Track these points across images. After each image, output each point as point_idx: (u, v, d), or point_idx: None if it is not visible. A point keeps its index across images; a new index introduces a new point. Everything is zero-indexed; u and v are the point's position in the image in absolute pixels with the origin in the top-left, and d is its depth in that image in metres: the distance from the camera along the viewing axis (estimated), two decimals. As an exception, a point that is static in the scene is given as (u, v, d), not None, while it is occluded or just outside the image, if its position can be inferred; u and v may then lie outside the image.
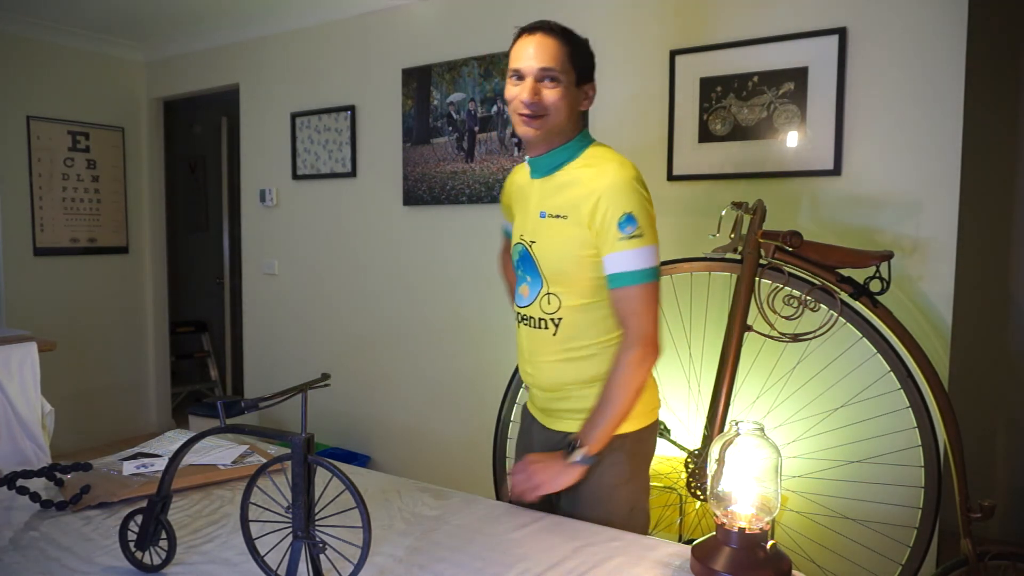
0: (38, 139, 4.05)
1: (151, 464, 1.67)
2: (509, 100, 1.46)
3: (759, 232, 1.97)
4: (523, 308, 1.54)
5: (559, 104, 1.42)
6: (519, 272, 1.55)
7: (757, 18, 2.43)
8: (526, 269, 1.52)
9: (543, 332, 1.49)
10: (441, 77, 3.19)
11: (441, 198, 3.23)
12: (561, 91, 1.42)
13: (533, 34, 1.44)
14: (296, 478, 1.08)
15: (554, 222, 1.45)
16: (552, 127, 1.44)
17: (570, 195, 1.43)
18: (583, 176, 1.43)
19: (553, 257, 1.45)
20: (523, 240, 1.52)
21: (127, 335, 4.54)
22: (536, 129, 1.43)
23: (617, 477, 1.48)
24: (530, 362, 1.55)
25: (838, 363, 2.27)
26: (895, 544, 2.16)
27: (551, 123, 1.43)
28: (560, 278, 1.45)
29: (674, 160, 2.60)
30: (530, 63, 1.41)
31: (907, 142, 2.22)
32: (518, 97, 1.43)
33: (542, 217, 1.48)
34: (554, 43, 1.42)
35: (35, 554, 1.26)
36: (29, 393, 2.19)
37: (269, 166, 3.93)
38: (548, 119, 1.42)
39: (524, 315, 1.54)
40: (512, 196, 1.65)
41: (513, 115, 1.46)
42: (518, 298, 1.56)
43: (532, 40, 1.43)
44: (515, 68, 1.44)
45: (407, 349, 3.42)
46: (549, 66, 1.41)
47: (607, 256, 1.39)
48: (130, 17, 3.89)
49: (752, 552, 1.12)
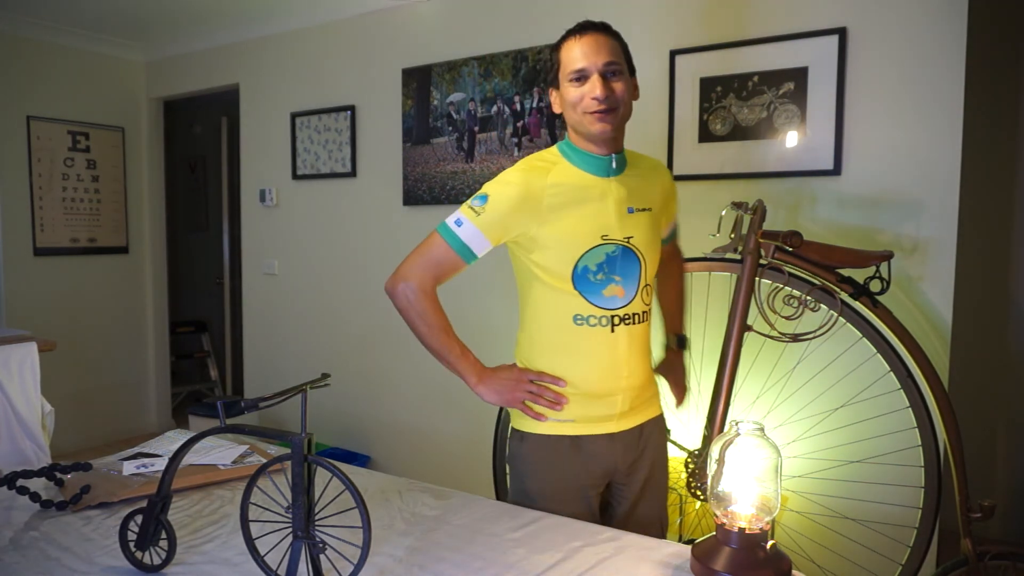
0: (38, 139, 4.05)
1: (151, 464, 1.67)
2: (575, 102, 1.44)
3: (759, 232, 1.97)
4: (621, 309, 1.47)
5: (626, 95, 1.45)
6: (597, 276, 1.45)
7: (757, 18, 2.43)
8: (615, 269, 1.46)
9: (642, 326, 1.53)
10: (441, 77, 3.19)
11: (441, 198, 3.23)
12: (625, 82, 1.45)
13: (584, 34, 1.45)
14: (296, 478, 1.08)
15: (644, 215, 1.51)
16: (622, 119, 1.46)
17: (651, 188, 1.55)
18: (652, 171, 1.58)
19: (652, 248, 1.53)
20: (611, 239, 1.45)
21: (127, 335, 4.54)
22: (611, 123, 1.43)
23: None
24: (627, 363, 1.50)
25: (838, 363, 2.27)
26: (895, 544, 2.16)
27: (622, 114, 1.46)
28: (655, 267, 1.56)
29: (674, 160, 2.60)
30: (594, 60, 1.42)
31: (907, 142, 2.22)
32: (588, 95, 1.42)
33: (631, 212, 1.49)
34: (607, 39, 1.45)
35: (35, 554, 1.26)
36: (29, 393, 2.19)
37: (269, 166, 3.93)
38: (619, 111, 1.44)
39: (624, 315, 1.48)
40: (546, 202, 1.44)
41: (583, 116, 1.43)
42: (605, 301, 1.46)
43: (586, 39, 1.44)
44: (577, 69, 1.43)
45: (407, 349, 3.42)
46: (612, 59, 1.43)
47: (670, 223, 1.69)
48: (130, 17, 3.89)
49: (752, 552, 1.12)
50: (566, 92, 1.45)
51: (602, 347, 1.47)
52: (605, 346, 1.47)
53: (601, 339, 1.47)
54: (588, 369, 1.48)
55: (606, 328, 1.47)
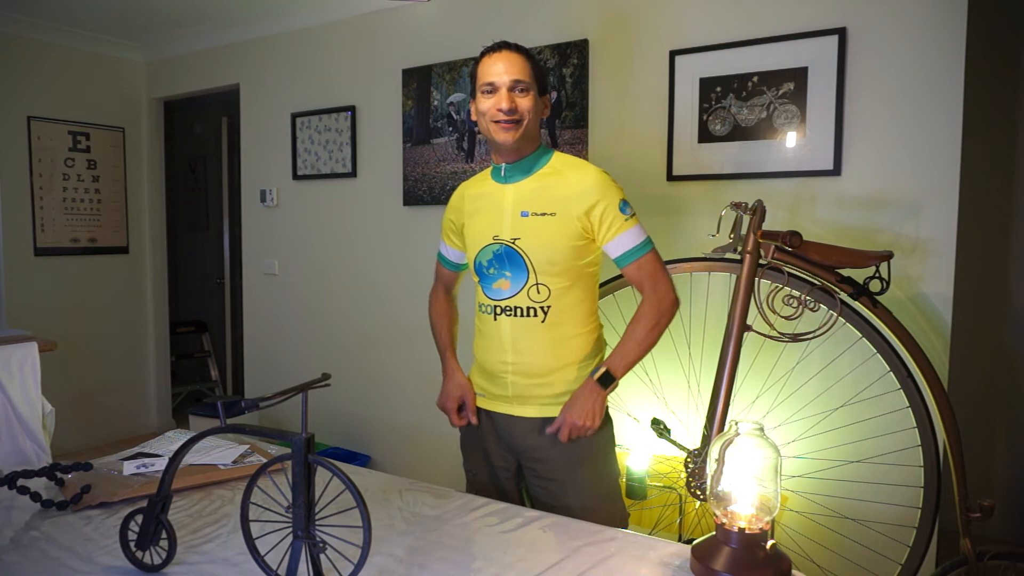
0: (38, 139, 4.05)
1: (151, 464, 1.67)
2: (484, 111, 1.62)
3: (759, 232, 1.97)
4: (504, 300, 1.66)
5: (530, 110, 1.61)
6: (490, 271, 1.68)
7: (757, 18, 2.43)
8: (504, 265, 1.65)
9: (530, 320, 1.64)
10: (441, 77, 3.19)
11: (441, 198, 3.23)
12: (531, 99, 1.61)
13: (499, 51, 1.62)
14: (296, 478, 1.08)
15: (541, 219, 1.61)
16: (526, 132, 1.61)
17: (555, 194, 1.61)
18: (565, 178, 1.62)
19: (544, 249, 1.60)
20: (499, 239, 1.65)
21: (127, 335, 4.54)
22: (514, 133, 1.59)
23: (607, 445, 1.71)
24: (512, 351, 1.66)
25: (838, 363, 2.27)
26: (895, 544, 2.16)
27: (525, 128, 1.61)
28: (550, 268, 1.61)
29: (674, 160, 2.60)
30: (503, 76, 1.59)
31: (907, 142, 2.22)
32: (495, 106, 1.59)
33: (524, 216, 1.63)
34: (519, 58, 1.61)
35: (36, 554, 1.27)
36: (29, 393, 2.19)
37: (269, 166, 3.93)
38: (523, 124, 1.60)
39: (505, 307, 1.66)
40: (466, 209, 1.76)
41: (489, 124, 1.62)
42: (494, 292, 1.67)
43: (500, 56, 1.61)
44: (488, 82, 1.61)
45: (407, 349, 3.43)
46: (520, 77, 1.60)
47: (617, 238, 1.60)
48: (130, 17, 3.89)
49: (752, 552, 1.12)
50: (479, 102, 1.64)
51: (491, 331, 1.69)
52: (492, 330, 1.69)
53: (489, 324, 1.69)
54: (484, 349, 1.73)
55: (490, 316, 1.69)
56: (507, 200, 1.66)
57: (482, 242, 1.68)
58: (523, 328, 1.64)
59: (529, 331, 1.63)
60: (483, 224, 1.69)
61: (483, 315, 1.71)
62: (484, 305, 1.70)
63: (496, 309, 1.67)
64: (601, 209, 1.58)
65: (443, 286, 1.95)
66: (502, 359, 1.68)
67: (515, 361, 1.66)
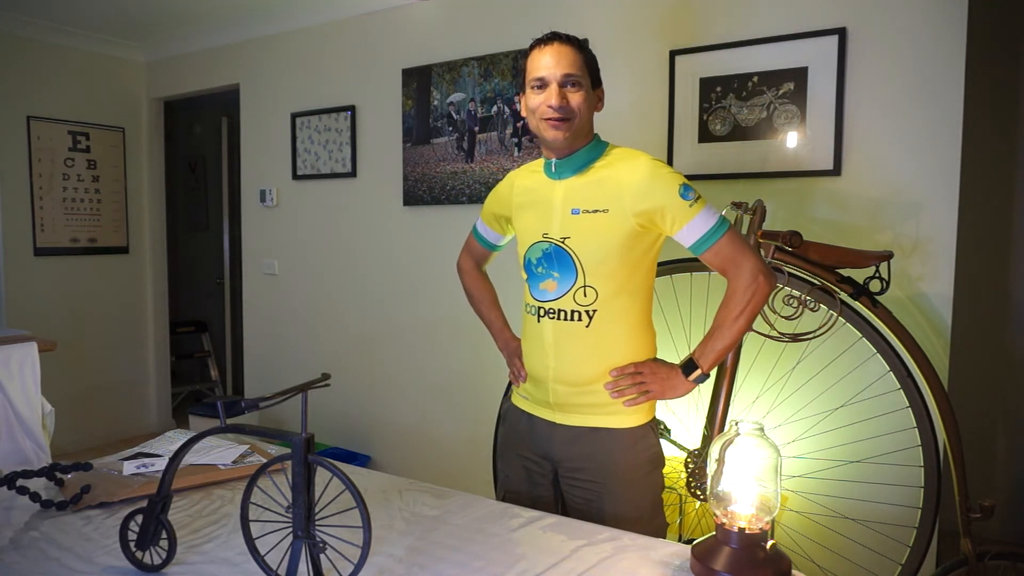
0: (38, 139, 4.05)
1: (151, 464, 1.67)
2: (534, 108, 1.53)
3: (759, 232, 1.97)
4: (549, 302, 1.58)
5: (582, 106, 1.51)
6: (538, 270, 1.60)
7: (757, 18, 2.43)
8: (553, 265, 1.57)
9: (574, 324, 1.55)
10: (441, 77, 3.19)
11: (441, 198, 3.23)
12: (583, 94, 1.52)
13: (550, 44, 1.52)
14: (296, 478, 1.08)
15: (592, 216, 1.52)
16: (578, 129, 1.53)
17: (607, 190, 1.51)
18: (617, 172, 1.52)
19: (596, 249, 1.52)
20: (549, 238, 1.58)
21: (127, 335, 4.54)
22: (565, 132, 1.51)
23: (653, 461, 1.61)
24: (554, 356, 1.58)
25: (838, 363, 2.27)
26: (895, 544, 2.16)
27: (577, 125, 1.52)
28: (600, 269, 1.52)
29: (674, 160, 2.60)
30: (553, 70, 1.50)
31: (907, 142, 2.22)
32: (545, 103, 1.51)
33: (575, 214, 1.54)
34: (571, 50, 1.51)
35: (35, 554, 1.27)
36: (29, 393, 2.19)
37: (269, 166, 3.93)
38: (574, 121, 1.51)
39: (550, 309, 1.58)
40: (514, 201, 1.69)
41: (539, 122, 1.53)
42: (540, 292, 1.60)
43: (550, 49, 1.51)
44: (538, 77, 1.52)
45: (407, 349, 3.43)
46: (571, 71, 1.50)
47: (684, 228, 1.47)
48: (130, 17, 3.89)
49: (752, 552, 1.12)
50: (528, 98, 1.56)
51: (534, 333, 1.63)
52: (536, 333, 1.62)
53: (533, 326, 1.63)
54: (528, 351, 1.67)
55: (534, 317, 1.62)
56: (557, 197, 1.58)
57: (531, 239, 1.61)
58: (565, 332, 1.56)
59: (572, 336, 1.56)
60: (532, 220, 1.62)
61: (528, 316, 1.65)
62: (529, 306, 1.64)
63: (540, 311, 1.60)
64: (659, 203, 1.46)
65: (474, 260, 1.91)
66: (544, 363, 1.60)
67: (556, 367, 1.58)
